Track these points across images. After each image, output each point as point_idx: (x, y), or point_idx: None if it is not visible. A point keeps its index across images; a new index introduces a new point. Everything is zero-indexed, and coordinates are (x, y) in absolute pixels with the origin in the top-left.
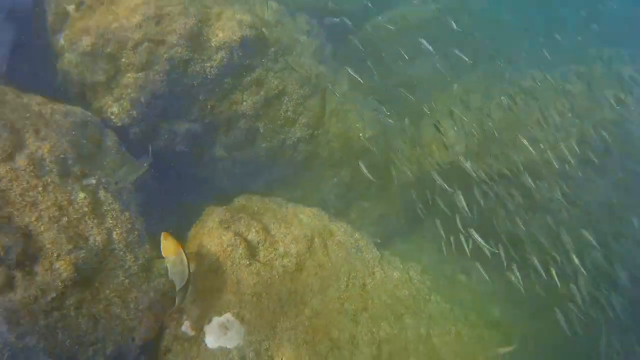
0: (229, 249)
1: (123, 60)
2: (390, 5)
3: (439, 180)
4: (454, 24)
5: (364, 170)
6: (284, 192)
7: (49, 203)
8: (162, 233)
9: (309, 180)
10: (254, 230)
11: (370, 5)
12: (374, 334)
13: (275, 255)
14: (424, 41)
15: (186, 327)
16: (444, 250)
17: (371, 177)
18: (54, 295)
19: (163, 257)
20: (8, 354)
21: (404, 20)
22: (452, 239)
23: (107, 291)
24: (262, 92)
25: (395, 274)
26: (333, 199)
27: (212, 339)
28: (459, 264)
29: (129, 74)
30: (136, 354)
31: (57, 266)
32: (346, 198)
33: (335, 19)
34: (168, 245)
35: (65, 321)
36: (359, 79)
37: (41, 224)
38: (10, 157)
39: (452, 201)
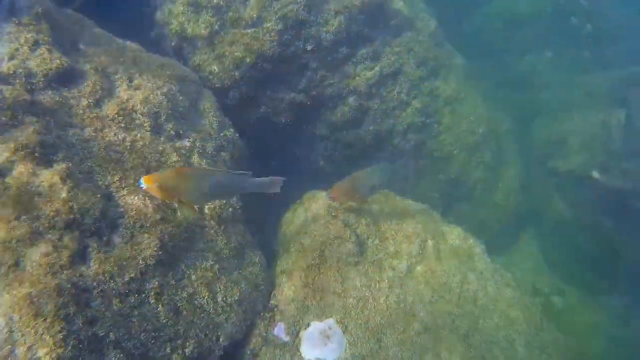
0: (335, 242)
1: (230, 14)
2: None
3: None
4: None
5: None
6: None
7: (136, 162)
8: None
9: (412, 173)
10: (363, 222)
11: None
12: None
13: (384, 254)
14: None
15: (280, 329)
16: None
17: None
18: (133, 274)
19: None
20: (73, 343)
21: (516, 11)
22: None
23: (194, 277)
24: (377, 68)
25: (507, 291)
26: (436, 196)
27: (309, 348)
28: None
29: (235, 30)
30: (219, 356)
31: (140, 240)
32: (449, 198)
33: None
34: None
35: (142, 309)
36: (474, 68)
37: (125, 187)
38: (97, 104)
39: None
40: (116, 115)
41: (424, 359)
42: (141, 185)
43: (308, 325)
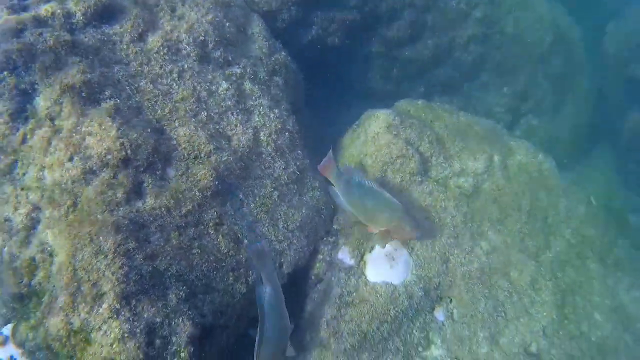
0: (398, 160)
1: None
2: None
3: None
4: None
5: None
6: (446, 99)
7: (185, 93)
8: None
9: (475, 87)
10: (427, 140)
11: None
12: (558, 280)
13: (450, 172)
14: None
15: (344, 253)
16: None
17: None
18: (190, 207)
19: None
20: (135, 278)
21: None
22: None
23: (252, 205)
24: None
25: (580, 208)
26: (501, 111)
27: (374, 271)
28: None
29: None
30: (283, 283)
31: (195, 171)
32: (515, 112)
33: None
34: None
35: (202, 240)
36: None
37: (176, 119)
38: (140, 38)
39: None
40: (161, 48)
41: (493, 280)
42: None
43: (372, 248)
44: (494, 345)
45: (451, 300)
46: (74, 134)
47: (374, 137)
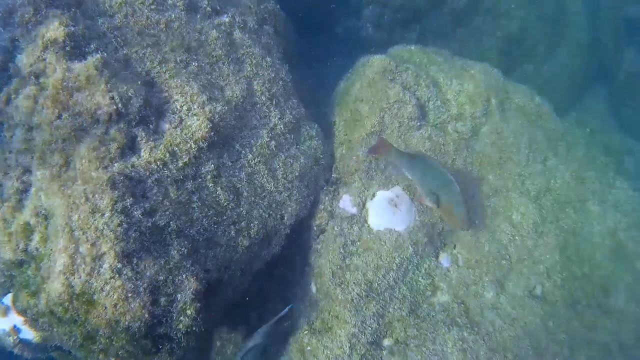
0: (395, 106)
1: None
2: None
3: None
4: None
5: None
6: (439, 45)
7: (174, 44)
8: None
9: (468, 33)
10: (423, 84)
11: None
12: (559, 222)
13: (448, 117)
14: None
15: (345, 202)
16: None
17: None
18: (186, 159)
19: (308, 119)
20: (135, 236)
21: None
22: None
23: (250, 156)
24: None
25: (579, 150)
26: (495, 57)
27: (377, 219)
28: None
29: None
30: (285, 235)
31: (189, 122)
32: (509, 57)
33: None
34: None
35: (201, 193)
36: None
37: (166, 70)
38: None
39: None
40: None
41: (496, 223)
42: None
43: (374, 195)
44: (499, 288)
45: (455, 246)
46: (60, 91)
47: (370, 83)
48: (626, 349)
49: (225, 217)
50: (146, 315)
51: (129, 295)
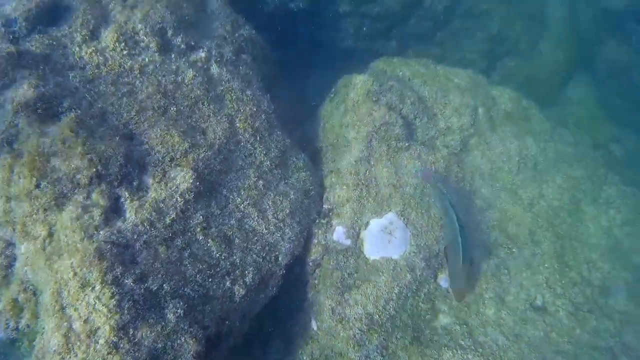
0: (382, 128)
1: None
2: None
3: None
4: None
5: None
6: (419, 50)
7: (150, 90)
8: None
9: (448, 35)
10: (408, 102)
11: None
12: (555, 228)
13: (436, 132)
14: None
15: (339, 234)
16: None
17: None
18: (173, 215)
19: (294, 149)
20: (128, 305)
21: None
22: None
23: (238, 199)
24: None
25: (568, 149)
26: (476, 58)
27: (372, 248)
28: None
29: None
30: (281, 275)
31: (173, 174)
32: (491, 56)
33: None
34: None
35: (192, 248)
36: None
37: (144, 119)
38: (93, 35)
39: None
40: (117, 43)
41: (492, 236)
42: None
43: (368, 223)
44: (500, 304)
45: None
46: (36, 158)
47: (354, 106)
48: (630, 351)
49: (219, 269)
50: None
51: None
